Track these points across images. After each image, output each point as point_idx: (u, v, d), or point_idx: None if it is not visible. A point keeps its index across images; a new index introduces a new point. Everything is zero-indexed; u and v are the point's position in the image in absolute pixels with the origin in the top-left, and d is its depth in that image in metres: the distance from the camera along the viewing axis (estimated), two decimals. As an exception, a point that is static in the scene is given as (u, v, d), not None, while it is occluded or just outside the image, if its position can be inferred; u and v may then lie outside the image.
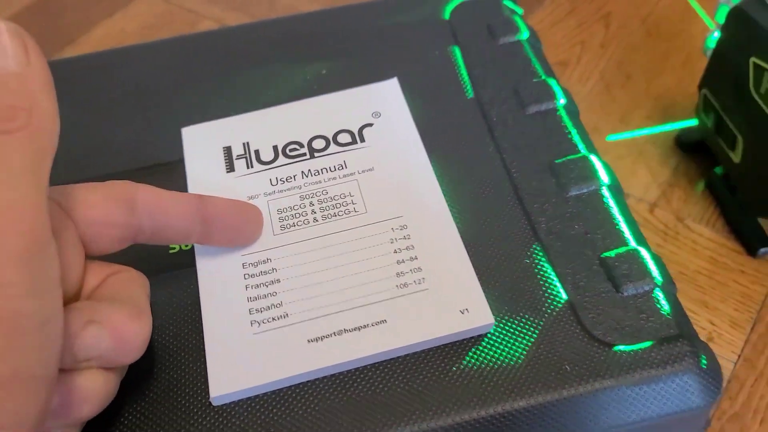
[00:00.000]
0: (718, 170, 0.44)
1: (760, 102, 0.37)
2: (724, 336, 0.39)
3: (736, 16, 0.39)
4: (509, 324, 0.25)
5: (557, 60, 0.54)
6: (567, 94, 0.33)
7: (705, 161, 0.46)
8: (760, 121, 0.38)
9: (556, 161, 0.30)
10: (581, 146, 0.31)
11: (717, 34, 0.41)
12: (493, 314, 0.25)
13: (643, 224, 0.44)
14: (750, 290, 0.40)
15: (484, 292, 0.26)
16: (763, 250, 0.41)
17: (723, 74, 0.41)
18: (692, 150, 0.46)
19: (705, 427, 0.27)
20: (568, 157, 0.30)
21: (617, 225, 0.28)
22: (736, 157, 0.41)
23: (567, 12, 0.58)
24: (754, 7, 0.37)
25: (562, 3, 0.58)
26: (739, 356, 0.38)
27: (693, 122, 0.46)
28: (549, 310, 0.26)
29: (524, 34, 0.35)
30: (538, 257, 0.27)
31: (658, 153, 0.47)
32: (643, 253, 0.27)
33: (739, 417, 0.36)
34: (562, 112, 0.32)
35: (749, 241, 0.42)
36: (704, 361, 0.24)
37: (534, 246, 0.27)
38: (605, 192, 0.29)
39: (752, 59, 0.37)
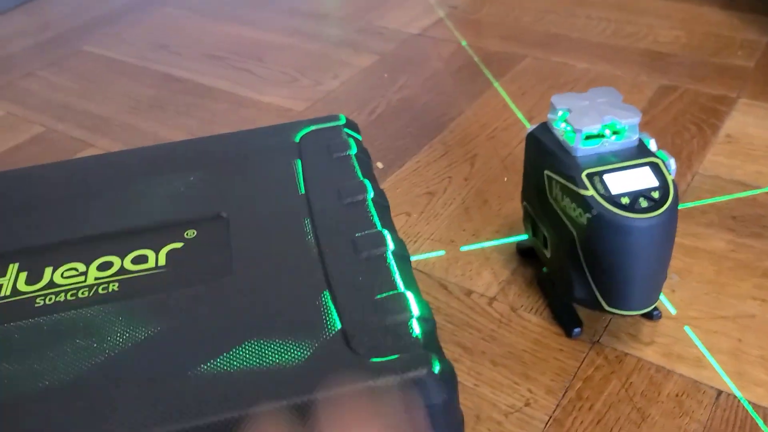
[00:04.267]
0: (545, 269, 0.52)
1: (554, 204, 0.47)
2: (540, 401, 0.45)
3: (530, 139, 0.49)
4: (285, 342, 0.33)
5: (426, 191, 0.64)
6: (377, 190, 0.42)
7: (537, 264, 0.54)
8: (556, 218, 0.47)
9: (357, 234, 0.38)
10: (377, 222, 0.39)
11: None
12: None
13: (481, 313, 0.51)
14: (566, 365, 0.47)
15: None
16: (576, 330, 0.48)
17: (531, 187, 0.50)
18: (528, 255, 0.55)
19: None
20: (366, 232, 0.38)
21: (393, 276, 0.36)
22: (548, 253, 0.49)
23: (441, 154, 0.69)
24: (541, 132, 0.48)
25: (437, 147, 0.70)
26: (550, 417, 0.44)
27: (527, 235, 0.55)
28: (324, 335, 0.33)
29: (353, 150, 0.45)
30: (325, 299, 0.35)
31: (502, 259, 0.56)
32: (408, 295, 0.34)
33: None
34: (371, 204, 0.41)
35: (566, 324, 0.49)
36: (437, 368, 0.31)
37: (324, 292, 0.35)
38: (390, 256, 0.37)
39: (545, 172, 0.47)
